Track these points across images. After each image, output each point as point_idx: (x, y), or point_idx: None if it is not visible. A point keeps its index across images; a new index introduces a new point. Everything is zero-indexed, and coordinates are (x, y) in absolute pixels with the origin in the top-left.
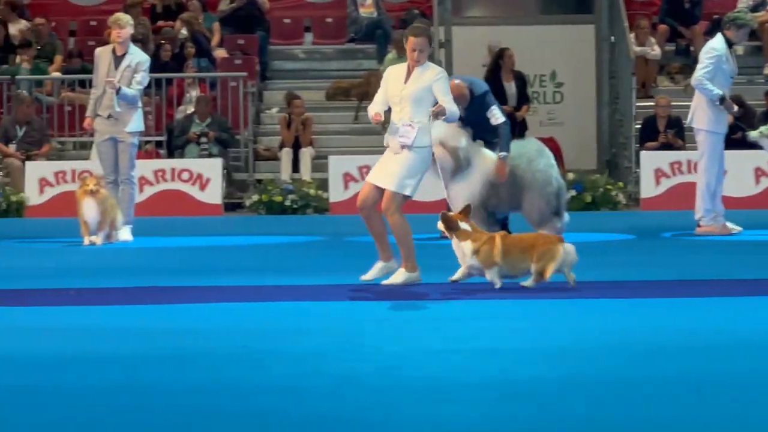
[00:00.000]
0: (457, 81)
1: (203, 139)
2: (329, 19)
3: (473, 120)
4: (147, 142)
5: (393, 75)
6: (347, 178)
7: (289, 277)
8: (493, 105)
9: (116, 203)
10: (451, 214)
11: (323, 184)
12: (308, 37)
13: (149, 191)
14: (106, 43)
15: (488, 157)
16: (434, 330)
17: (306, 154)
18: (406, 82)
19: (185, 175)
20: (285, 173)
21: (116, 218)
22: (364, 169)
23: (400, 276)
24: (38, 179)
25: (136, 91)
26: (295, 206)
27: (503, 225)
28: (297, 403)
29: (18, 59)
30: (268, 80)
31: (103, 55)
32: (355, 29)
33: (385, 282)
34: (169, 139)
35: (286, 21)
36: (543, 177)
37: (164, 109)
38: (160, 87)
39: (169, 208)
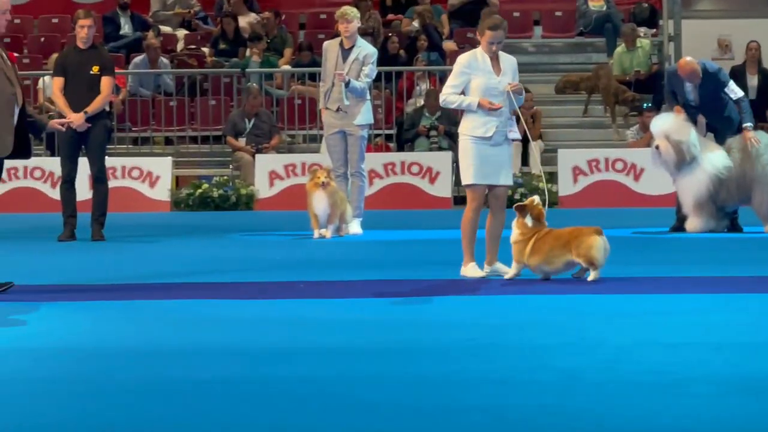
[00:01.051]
0: (688, 59)
1: (433, 133)
2: (558, 13)
3: (706, 102)
4: (377, 135)
5: (474, 66)
6: (576, 171)
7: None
8: (729, 81)
9: (345, 197)
10: (522, 204)
11: (553, 178)
12: (537, 30)
13: (379, 184)
14: (335, 36)
15: (716, 152)
16: (655, 324)
17: (535, 147)
18: (498, 74)
19: (415, 169)
20: (514, 166)
21: (346, 211)
22: (594, 163)
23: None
24: (268, 172)
25: (365, 84)
26: (524, 199)
27: (732, 219)
28: (522, 396)
29: (248, 52)
30: None
31: (331, 48)
32: (585, 22)
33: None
34: (399, 133)
35: (516, 14)
36: None
37: (394, 102)
38: (390, 80)
39: (399, 201)
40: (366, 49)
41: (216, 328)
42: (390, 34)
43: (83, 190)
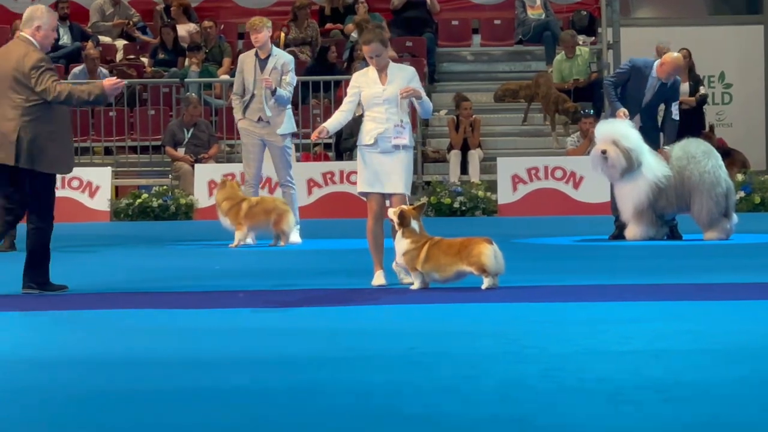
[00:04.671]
0: (676, 54)
1: None
2: (497, 21)
3: (652, 105)
4: (316, 144)
5: (363, 80)
6: (516, 179)
7: None
8: (679, 98)
9: (288, 207)
10: (407, 208)
11: (492, 186)
12: (476, 38)
13: (318, 193)
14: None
15: (656, 159)
16: (596, 332)
17: (474, 156)
18: (383, 84)
19: (354, 178)
20: (454, 175)
21: (288, 221)
22: (533, 171)
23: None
24: (207, 182)
25: (288, 93)
26: (463, 208)
27: (672, 227)
28: (464, 404)
29: (187, 62)
30: (437, 82)
31: (246, 60)
32: (524, 31)
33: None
34: (338, 142)
35: (454, 22)
36: (711, 178)
37: (332, 111)
38: (328, 90)
39: (338, 210)
40: (283, 57)
41: (154, 337)
42: (329, 44)
43: None
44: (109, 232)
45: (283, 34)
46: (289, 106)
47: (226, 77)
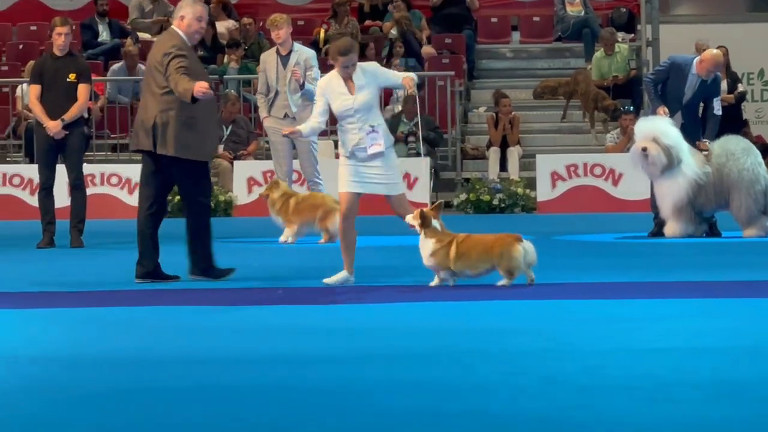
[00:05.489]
0: (715, 51)
1: (411, 138)
2: (536, 18)
3: (694, 102)
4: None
5: (329, 89)
6: (555, 176)
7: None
8: (720, 94)
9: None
10: (426, 210)
11: (531, 183)
12: (515, 35)
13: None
14: (314, 42)
15: (695, 156)
16: (635, 329)
17: (513, 152)
18: (352, 93)
19: None
20: (492, 172)
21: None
22: (572, 168)
23: None
24: (246, 178)
25: (314, 87)
26: (502, 205)
27: (711, 224)
28: (503, 402)
29: (226, 59)
30: (476, 79)
31: (268, 58)
32: (563, 28)
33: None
34: None
35: (493, 20)
36: (750, 175)
37: None
38: None
39: (376, 207)
40: (304, 52)
41: (193, 335)
42: (368, 41)
43: (62, 197)
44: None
45: (322, 31)
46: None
47: None
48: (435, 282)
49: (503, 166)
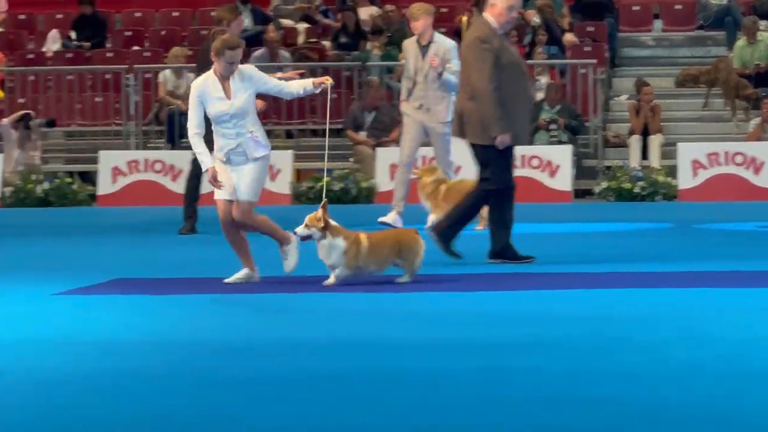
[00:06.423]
0: None
1: (553, 126)
2: (678, 6)
3: None
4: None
5: (204, 94)
6: (696, 165)
7: (636, 263)
8: None
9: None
10: (315, 213)
11: (672, 171)
12: (657, 24)
13: None
14: (457, 30)
15: None
16: None
17: (655, 141)
18: (229, 98)
19: (535, 162)
20: (634, 160)
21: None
22: (713, 156)
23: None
24: (388, 165)
25: (455, 78)
26: (644, 193)
27: None
28: (645, 390)
29: (369, 46)
30: (617, 67)
31: (409, 47)
32: (705, 16)
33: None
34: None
35: (635, 8)
36: None
37: None
38: None
39: (519, 194)
40: (443, 44)
41: (338, 320)
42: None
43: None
44: (290, 215)
45: (465, 19)
46: (453, 93)
47: None
48: (331, 280)
49: (644, 154)
